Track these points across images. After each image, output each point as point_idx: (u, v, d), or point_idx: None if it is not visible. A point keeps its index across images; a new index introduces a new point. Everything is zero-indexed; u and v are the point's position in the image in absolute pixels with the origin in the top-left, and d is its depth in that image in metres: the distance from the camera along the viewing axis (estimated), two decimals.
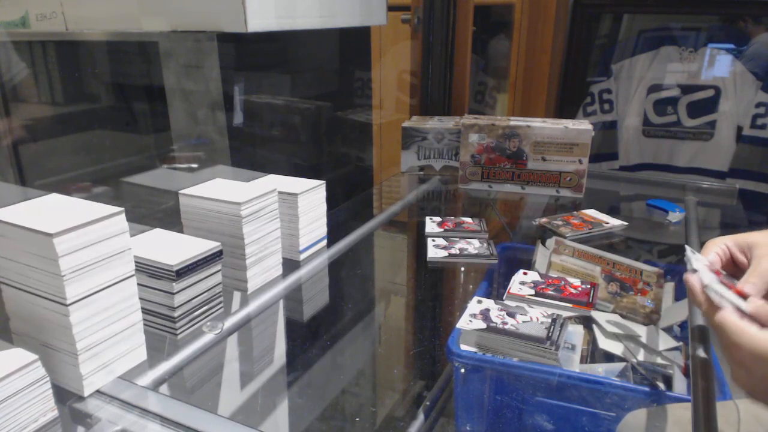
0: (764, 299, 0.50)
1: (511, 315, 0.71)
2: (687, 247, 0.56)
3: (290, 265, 0.99)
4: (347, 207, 1.39)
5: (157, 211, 1.32)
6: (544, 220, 1.21)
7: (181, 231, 0.91)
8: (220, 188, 0.91)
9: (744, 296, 0.50)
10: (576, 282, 0.82)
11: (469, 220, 1.20)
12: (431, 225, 1.18)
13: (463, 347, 0.68)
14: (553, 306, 0.77)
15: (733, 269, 0.56)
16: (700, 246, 1.04)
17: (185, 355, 0.75)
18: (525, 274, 0.84)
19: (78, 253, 0.61)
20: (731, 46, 1.96)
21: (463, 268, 1.05)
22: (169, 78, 1.43)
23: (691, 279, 0.53)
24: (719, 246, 0.56)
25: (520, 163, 1.39)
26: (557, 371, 0.63)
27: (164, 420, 0.62)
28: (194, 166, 1.46)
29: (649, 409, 0.60)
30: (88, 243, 0.62)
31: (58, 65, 1.42)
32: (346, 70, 2.02)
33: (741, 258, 0.55)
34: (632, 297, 0.83)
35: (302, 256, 1.01)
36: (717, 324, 0.48)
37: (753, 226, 0.76)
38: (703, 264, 0.54)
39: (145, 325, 0.72)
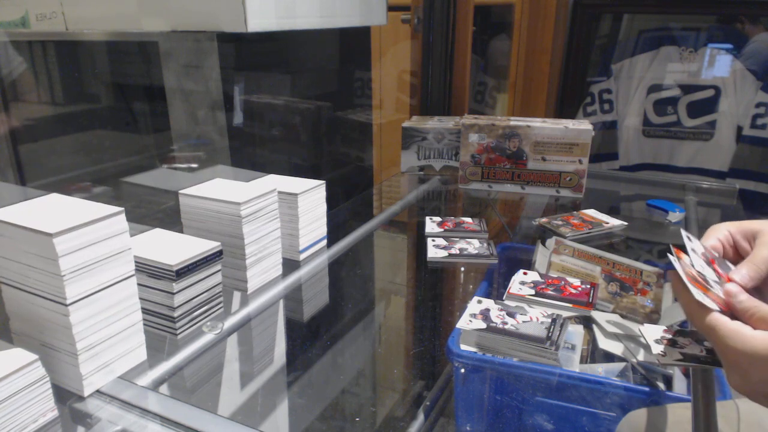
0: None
1: (511, 315, 0.71)
2: (683, 232, 0.53)
3: (290, 265, 0.99)
4: (347, 207, 1.39)
5: (157, 211, 1.32)
6: (544, 220, 1.21)
7: (181, 231, 0.91)
8: (220, 188, 0.91)
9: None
10: (576, 282, 0.82)
11: (469, 220, 1.20)
12: (431, 225, 1.18)
13: (463, 347, 0.67)
14: (553, 306, 0.77)
15: (735, 257, 0.53)
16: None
17: (185, 355, 0.75)
18: (525, 274, 0.84)
19: (78, 253, 0.61)
20: (731, 46, 1.96)
21: (463, 268, 1.05)
22: (169, 78, 1.43)
23: (673, 276, 0.51)
24: (722, 232, 0.54)
25: (520, 163, 1.39)
26: (557, 371, 0.63)
27: (164, 420, 0.62)
28: (194, 166, 1.47)
29: (649, 409, 0.60)
30: (88, 243, 0.62)
31: (58, 65, 1.42)
32: (346, 70, 2.02)
33: (744, 245, 0.53)
34: (632, 297, 0.83)
35: (302, 256, 1.01)
36: (708, 326, 0.46)
37: None
38: (698, 248, 0.52)
39: (145, 325, 0.72)
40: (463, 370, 0.66)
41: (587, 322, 0.77)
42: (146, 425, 0.62)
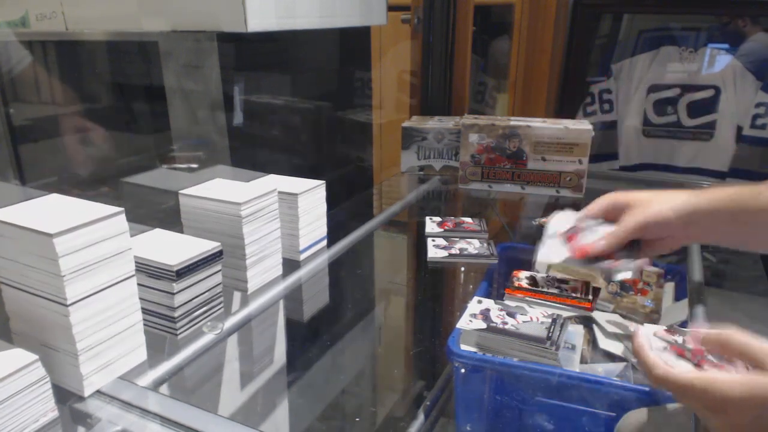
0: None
1: (511, 315, 0.71)
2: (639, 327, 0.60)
3: (290, 265, 0.99)
4: (347, 207, 1.39)
5: (157, 211, 1.32)
6: (544, 220, 1.21)
7: (181, 231, 0.91)
8: (220, 188, 0.91)
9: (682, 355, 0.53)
10: (576, 282, 0.82)
11: (469, 220, 1.20)
12: (431, 225, 1.18)
13: (463, 347, 0.67)
14: (553, 306, 0.77)
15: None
16: (701, 249, 1.04)
17: (185, 356, 0.75)
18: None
19: (78, 254, 0.61)
20: (731, 45, 1.96)
21: (463, 268, 1.05)
22: (169, 78, 1.43)
23: (640, 338, 0.56)
24: (604, 200, 0.70)
25: (520, 163, 1.39)
26: (557, 371, 0.63)
27: (164, 420, 0.62)
28: (194, 166, 1.46)
29: (649, 409, 0.60)
30: (88, 243, 0.62)
31: (58, 65, 1.42)
32: (346, 70, 2.02)
33: (616, 215, 0.68)
34: (632, 297, 0.83)
35: (302, 256, 1.01)
36: (685, 384, 0.49)
37: None
38: (651, 331, 0.58)
39: (145, 325, 0.72)
40: (463, 370, 0.66)
41: (587, 322, 0.77)
42: (146, 425, 0.62)
